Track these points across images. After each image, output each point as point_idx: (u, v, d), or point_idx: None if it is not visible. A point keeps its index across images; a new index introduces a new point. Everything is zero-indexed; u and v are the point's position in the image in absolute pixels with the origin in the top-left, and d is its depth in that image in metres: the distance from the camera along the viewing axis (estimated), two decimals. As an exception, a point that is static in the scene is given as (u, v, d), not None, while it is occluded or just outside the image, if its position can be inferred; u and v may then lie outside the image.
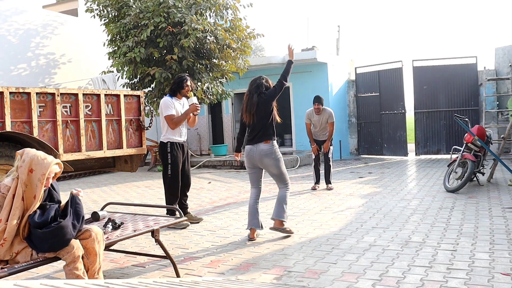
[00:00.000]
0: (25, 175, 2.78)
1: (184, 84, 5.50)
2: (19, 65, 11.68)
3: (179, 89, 5.52)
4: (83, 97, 6.22)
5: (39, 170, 2.79)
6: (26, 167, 2.79)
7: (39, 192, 2.80)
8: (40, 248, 2.81)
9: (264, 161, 4.66)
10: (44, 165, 2.81)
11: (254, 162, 4.72)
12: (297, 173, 10.15)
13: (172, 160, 5.44)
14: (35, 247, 2.82)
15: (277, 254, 4.13)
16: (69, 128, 6.05)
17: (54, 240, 2.79)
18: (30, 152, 2.86)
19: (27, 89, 5.61)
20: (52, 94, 5.86)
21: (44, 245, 2.79)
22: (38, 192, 2.79)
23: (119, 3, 10.61)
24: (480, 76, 11.98)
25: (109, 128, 6.57)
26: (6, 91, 5.36)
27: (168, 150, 5.44)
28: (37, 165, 2.80)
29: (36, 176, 2.79)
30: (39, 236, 2.79)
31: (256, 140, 4.63)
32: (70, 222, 2.90)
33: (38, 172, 2.79)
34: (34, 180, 2.79)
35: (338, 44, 19.56)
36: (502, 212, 5.43)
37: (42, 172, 2.79)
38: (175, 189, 5.50)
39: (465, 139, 7.33)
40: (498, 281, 3.22)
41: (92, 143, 6.35)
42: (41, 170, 2.79)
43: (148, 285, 1.91)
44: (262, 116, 4.64)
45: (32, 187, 2.79)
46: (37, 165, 2.80)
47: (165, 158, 5.47)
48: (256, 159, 4.67)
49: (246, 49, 11.16)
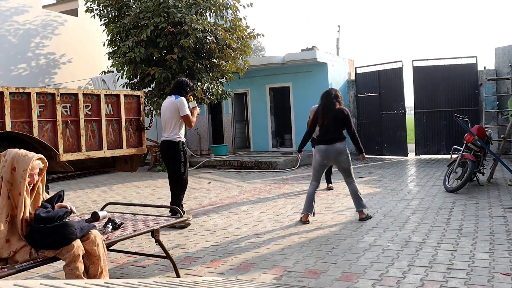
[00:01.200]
0: (8, 174, 2.81)
1: (191, 89, 5.64)
2: (19, 65, 11.68)
3: (188, 91, 5.60)
4: (83, 97, 6.22)
5: (21, 166, 2.81)
6: (8, 166, 2.82)
7: (22, 188, 2.81)
8: (42, 243, 2.81)
9: (339, 158, 5.41)
10: (25, 161, 2.83)
11: (329, 159, 5.46)
12: (297, 173, 10.16)
13: (185, 159, 5.49)
14: (36, 243, 2.81)
15: (277, 254, 4.13)
16: (69, 128, 6.05)
17: (57, 236, 2.80)
18: (12, 152, 2.88)
19: (27, 89, 5.61)
20: (52, 94, 5.86)
21: (46, 239, 2.80)
22: (22, 189, 2.81)
23: (119, 3, 10.62)
24: (480, 76, 11.98)
25: (109, 128, 6.57)
26: (6, 91, 5.36)
27: (181, 149, 5.47)
28: (19, 162, 2.82)
29: (18, 173, 2.81)
30: (42, 231, 2.80)
31: (333, 140, 5.38)
32: (77, 223, 2.94)
33: (20, 168, 2.81)
34: (17, 177, 2.81)
35: (338, 44, 19.60)
36: (502, 212, 5.43)
37: (23, 168, 2.81)
38: (186, 187, 5.61)
39: (465, 139, 7.32)
40: (498, 281, 3.22)
41: (92, 143, 6.35)
42: (23, 166, 2.81)
43: (148, 285, 1.91)
44: (336, 121, 5.41)
45: (16, 184, 2.81)
46: (18, 162, 2.82)
47: (178, 157, 5.46)
48: (332, 156, 5.41)
49: (246, 49, 11.17)
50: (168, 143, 5.49)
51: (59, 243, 2.81)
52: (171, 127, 5.47)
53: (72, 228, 2.85)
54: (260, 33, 11.28)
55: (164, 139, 5.55)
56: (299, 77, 13.34)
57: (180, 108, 5.42)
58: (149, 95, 10.75)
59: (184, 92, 5.56)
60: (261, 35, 11.30)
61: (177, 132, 5.47)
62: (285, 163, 11.10)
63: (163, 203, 6.91)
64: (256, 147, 14.15)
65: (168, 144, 5.50)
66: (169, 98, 5.59)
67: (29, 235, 2.84)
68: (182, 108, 5.42)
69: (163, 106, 5.65)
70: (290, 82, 13.54)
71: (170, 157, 5.50)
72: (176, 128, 5.47)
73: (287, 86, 13.62)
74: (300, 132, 13.47)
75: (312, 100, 13.49)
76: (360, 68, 13.76)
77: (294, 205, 6.43)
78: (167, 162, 5.60)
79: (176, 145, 5.46)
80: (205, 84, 10.72)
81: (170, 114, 5.47)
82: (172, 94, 5.58)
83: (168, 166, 5.61)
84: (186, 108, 5.44)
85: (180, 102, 5.44)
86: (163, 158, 5.68)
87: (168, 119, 5.49)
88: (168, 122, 5.49)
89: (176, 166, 5.47)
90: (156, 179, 10.02)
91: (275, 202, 6.75)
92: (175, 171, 5.49)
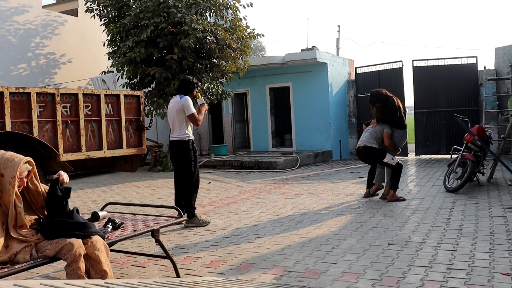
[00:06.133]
0: None
1: (196, 85, 5.62)
2: (19, 65, 11.68)
3: (192, 89, 5.58)
4: (83, 97, 6.22)
5: (9, 173, 2.74)
6: None
7: (12, 195, 2.75)
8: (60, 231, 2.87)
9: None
10: (12, 167, 2.74)
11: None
12: (297, 173, 10.15)
13: (195, 157, 5.49)
14: (48, 231, 2.87)
15: (277, 254, 4.13)
16: (69, 128, 6.05)
17: (79, 231, 2.91)
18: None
19: (27, 89, 5.61)
20: (52, 94, 5.87)
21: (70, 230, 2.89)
22: (12, 195, 2.75)
23: (119, 3, 10.61)
24: (480, 76, 11.98)
25: (109, 128, 6.58)
26: (6, 91, 5.36)
27: (190, 148, 5.46)
28: (6, 168, 2.73)
29: (7, 180, 2.74)
30: (69, 224, 2.89)
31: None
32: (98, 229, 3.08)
33: (8, 175, 2.74)
34: (6, 184, 2.74)
35: (338, 44, 19.61)
36: (502, 212, 5.43)
37: (11, 175, 2.73)
38: (198, 187, 5.62)
39: (465, 139, 7.33)
40: (498, 281, 3.23)
41: (92, 143, 6.35)
42: (11, 173, 2.74)
43: (148, 285, 1.91)
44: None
45: (6, 191, 2.74)
46: (6, 168, 2.73)
47: (188, 156, 5.45)
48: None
49: (246, 49, 11.16)
50: (178, 142, 5.49)
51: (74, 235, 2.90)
52: (179, 127, 5.47)
53: (93, 228, 3.03)
54: (260, 33, 11.28)
55: (172, 139, 5.54)
56: (299, 77, 13.34)
57: (185, 107, 5.42)
58: (149, 95, 10.75)
59: (189, 91, 5.55)
60: (261, 35, 11.30)
61: (186, 131, 5.47)
62: (285, 163, 11.10)
63: (163, 203, 6.92)
64: (256, 147, 14.15)
65: (177, 144, 5.49)
66: (175, 98, 5.58)
67: (43, 225, 2.90)
68: (187, 107, 5.42)
69: (169, 107, 5.65)
70: (290, 82, 13.55)
71: (180, 156, 5.49)
72: (184, 128, 5.47)
73: (287, 86, 13.62)
74: (300, 132, 13.50)
75: (312, 100, 13.55)
76: (360, 68, 13.75)
77: (294, 205, 6.43)
78: (176, 162, 5.58)
79: (185, 144, 5.45)
80: (205, 84, 10.72)
81: (177, 114, 5.47)
82: (177, 94, 5.58)
83: (177, 166, 5.60)
84: (191, 108, 5.43)
85: (185, 102, 5.44)
86: (172, 158, 5.65)
87: (175, 119, 5.49)
88: (175, 122, 5.49)
89: (187, 165, 5.46)
90: (156, 179, 10.02)
91: (275, 202, 6.75)
92: (186, 170, 5.48)
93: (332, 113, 13.15)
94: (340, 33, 17.99)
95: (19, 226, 2.83)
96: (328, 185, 8.18)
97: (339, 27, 22.82)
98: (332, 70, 13.34)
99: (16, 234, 2.80)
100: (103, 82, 12.45)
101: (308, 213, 5.85)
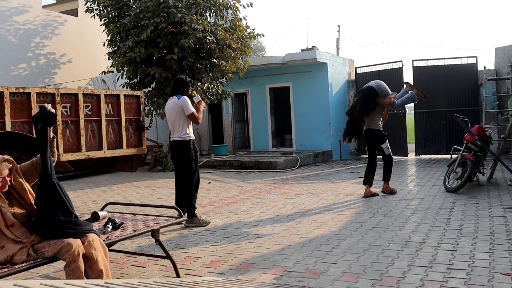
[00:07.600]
0: None
1: (190, 84, 5.63)
2: (19, 65, 11.69)
3: (187, 88, 5.59)
4: (83, 97, 6.22)
5: None
6: None
7: None
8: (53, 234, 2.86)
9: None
10: None
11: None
12: (297, 173, 10.15)
13: (196, 157, 5.51)
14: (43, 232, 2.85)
15: (277, 254, 4.13)
16: (69, 128, 6.06)
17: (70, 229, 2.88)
18: None
19: (27, 89, 5.61)
20: (52, 94, 5.87)
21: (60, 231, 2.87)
22: None
23: (119, 3, 10.61)
24: (480, 76, 11.98)
25: (109, 128, 6.58)
26: (6, 91, 5.36)
27: (191, 147, 5.48)
28: None
29: None
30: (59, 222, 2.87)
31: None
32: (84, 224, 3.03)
33: None
34: None
35: (338, 44, 19.61)
36: (502, 212, 5.43)
37: None
38: (198, 186, 5.63)
39: (465, 139, 7.33)
40: (498, 281, 3.23)
41: (92, 143, 6.35)
42: None
43: (148, 285, 1.91)
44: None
45: None
46: None
47: (189, 156, 5.46)
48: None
49: (246, 49, 11.17)
50: (179, 143, 5.50)
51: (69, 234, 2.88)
52: (180, 127, 5.48)
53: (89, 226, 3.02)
54: (260, 33, 11.29)
55: (173, 139, 5.55)
56: (299, 77, 13.34)
57: (184, 107, 5.43)
58: (149, 95, 10.75)
59: (184, 91, 5.56)
60: (261, 35, 11.30)
61: (186, 131, 5.49)
62: (285, 163, 11.10)
63: (163, 203, 6.92)
64: (256, 147, 14.15)
65: (178, 144, 5.51)
66: (172, 99, 5.58)
67: (37, 227, 2.87)
68: (186, 107, 5.43)
69: (167, 109, 5.65)
70: (290, 82, 13.54)
71: (181, 156, 5.51)
72: (185, 128, 5.48)
73: (287, 86, 13.62)
74: (300, 132, 13.49)
75: (312, 100, 13.55)
76: (360, 68, 13.75)
77: (294, 205, 6.43)
78: (177, 162, 5.60)
79: (187, 144, 5.47)
80: (205, 84, 10.72)
81: (176, 115, 5.47)
82: (174, 95, 5.58)
83: (178, 166, 5.61)
84: (190, 107, 5.44)
85: (183, 102, 5.45)
86: (173, 158, 5.66)
87: (175, 120, 5.49)
88: (175, 123, 5.49)
89: (188, 165, 5.48)
90: (156, 179, 10.02)
91: (275, 202, 6.75)
92: (187, 170, 5.49)
93: (332, 113, 13.15)
94: (340, 33, 18.06)
95: (10, 225, 2.80)
96: (328, 185, 8.18)
97: (339, 27, 23.03)
98: (332, 70, 13.34)
99: (10, 234, 2.78)
100: (103, 82, 12.46)
101: (308, 213, 5.84)
